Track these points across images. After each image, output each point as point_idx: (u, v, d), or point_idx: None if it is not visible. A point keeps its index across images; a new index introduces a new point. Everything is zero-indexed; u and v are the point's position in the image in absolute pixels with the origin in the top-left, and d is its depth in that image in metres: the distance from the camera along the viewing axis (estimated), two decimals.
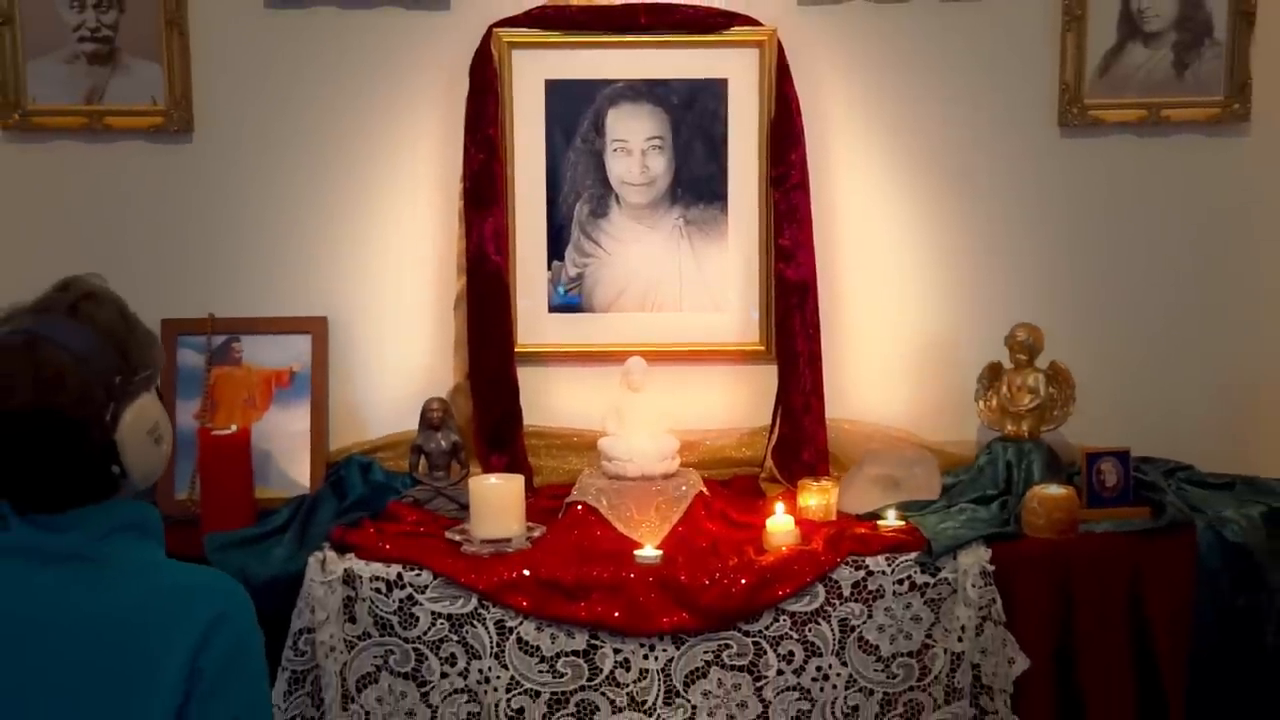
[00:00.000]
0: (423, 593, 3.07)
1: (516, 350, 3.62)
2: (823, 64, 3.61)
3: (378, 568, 3.10)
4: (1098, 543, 3.22)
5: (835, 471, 3.53)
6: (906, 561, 3.12)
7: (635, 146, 3.62)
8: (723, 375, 3.72)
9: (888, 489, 3.41)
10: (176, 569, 2.16)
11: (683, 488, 3.38)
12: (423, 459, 3.46)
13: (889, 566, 3.12)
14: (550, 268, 3.66)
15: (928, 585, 3.11)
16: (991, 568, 3.11)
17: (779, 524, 3.20)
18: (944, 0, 3.57)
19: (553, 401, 3.70)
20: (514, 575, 3.08)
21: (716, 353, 3.69)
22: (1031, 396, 3.49)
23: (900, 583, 3.11)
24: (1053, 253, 3.69)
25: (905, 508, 3.33)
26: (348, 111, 3.62)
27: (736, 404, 3.71)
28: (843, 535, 3.20)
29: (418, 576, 3.08)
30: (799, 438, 3.54)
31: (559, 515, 3.36)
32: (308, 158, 3.64)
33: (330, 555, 3.12)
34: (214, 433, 3.34)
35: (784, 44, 3.55)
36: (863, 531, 3.24)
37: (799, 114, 3.54)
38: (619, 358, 3.52)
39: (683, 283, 3.67)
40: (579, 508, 3.34)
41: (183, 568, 2.18)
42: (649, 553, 3.16)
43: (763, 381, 3.65)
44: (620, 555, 3.17)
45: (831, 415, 3.60)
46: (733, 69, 3.58)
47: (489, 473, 3.43)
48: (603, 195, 3.64)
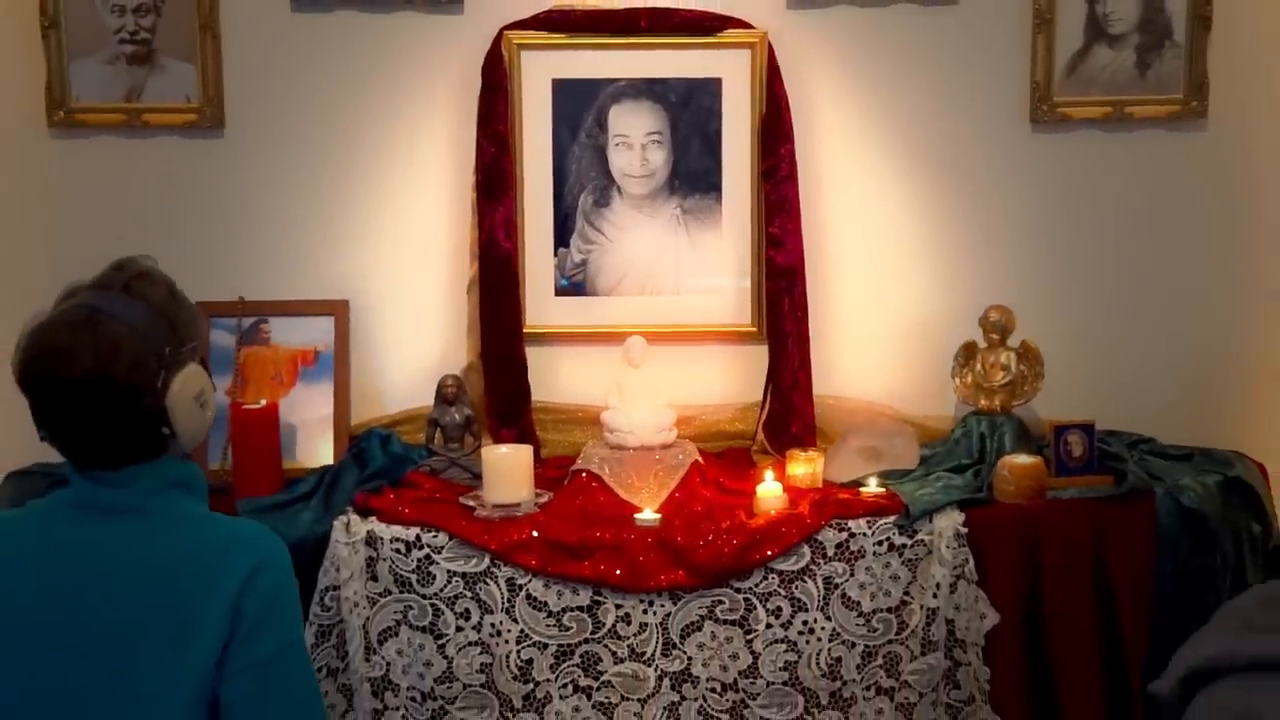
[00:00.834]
0: (439, 553, 3.12)
1: (525, 331, 3.64)
2: (811, 65, 3.62)
3: (397, 530, 3.13)
4: (1064, 508, 3.24)
5: (821, 443, 3.54)
6: (886, 524, 3.16)
7: (636, 141, 3.63)
8: (717, 354, 3.72)
9: (870, 459, 3.43)
10: (220, 521, 2.22)
11: (679, 457, 3.40)
12: (438, 432, 3.48)
13: (870, 529, 3.15)
14: (556, 254, 3.67)
15: (905, 546, 3.15)
16: (965, 530, 3.15)
17: (768, 490, 3.23)
18: (923, 5, 3.59)
19: (559, 379, 3.70)
20: (523, 537, 3.11)
21: (711, 333, 3.70)
22: (1004, 373, 3.50)
23: (880, 544, 3.15)
24: (1024, 240, 3.69)
25: (886, 476, 3.36)
26: (368, 108, 3.63)
27: (730, 381, 3.72)
28: (827, 500, 3.23)
29: (434, 538, 3.13)
30: (788, 412, 3.55)
31: (565, 482, 3.38)
32: (330, 151, 3.64)
33: (354, 519, 3.16)
34: (245, 407, 3.36)
35: (774, 46, 3.56)
36: (846, 497, 3.26)
37: (788, 111, 3.56)
38: (620, 338, 3.53)
39: (680, 268, 3.68)
40: (583, 475, 3.36)
41: (226, 520, 2.24)
42: (648, 516, 3.20)
43: (754, 360, 3.66)
44: (621, 518, 3.20)
45: (818, 391, 3.60)
46: (727, 69, 3.59)
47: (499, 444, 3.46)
48: (605, 186, 3.65)
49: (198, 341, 2.23)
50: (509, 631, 3.12)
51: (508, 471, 3.24)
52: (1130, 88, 3.62)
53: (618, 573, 3.10)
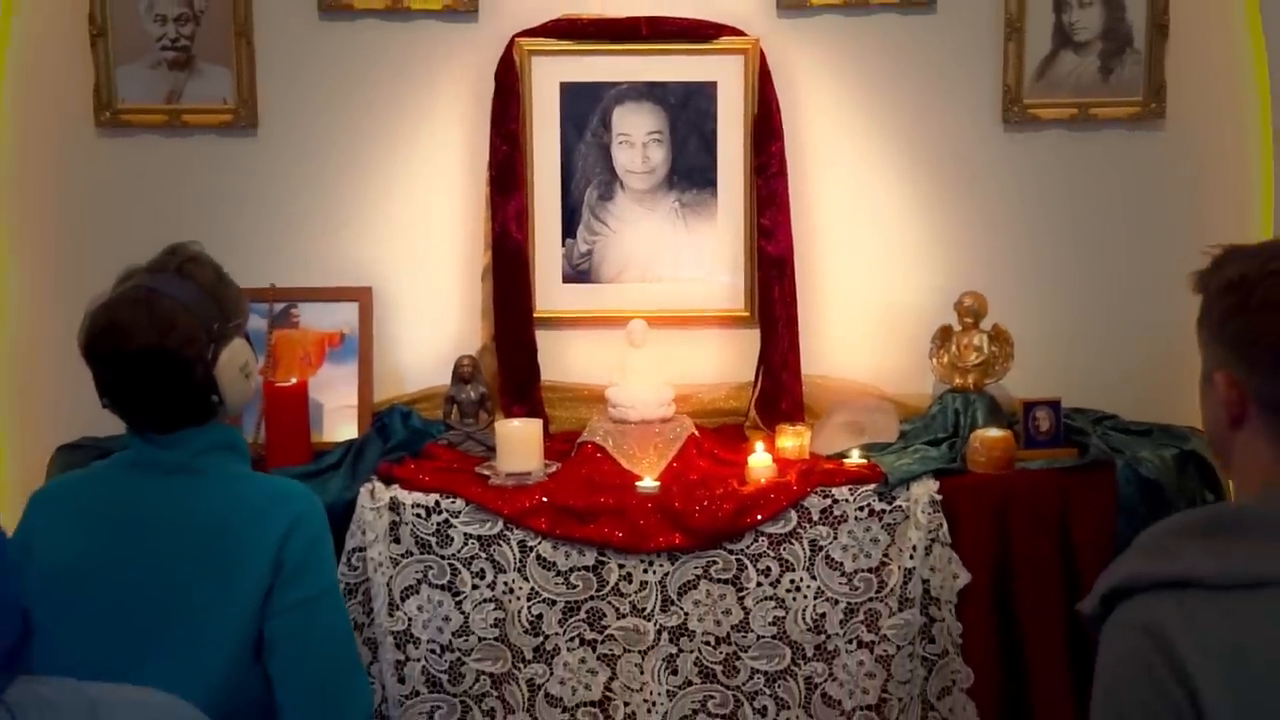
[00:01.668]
0: (456, 517, 3.16)
1: (535, 315, 3.65)
2: (799, 69, 3.64)
3: (418, 496, 3.17)
4: (1031, 478, 3.27)
5: (809, 419, 3.54)
6: (867, 491, 3.19)
7: (637, 140, 3.66)
8: (712, 337, 3.74)
9: (853, 433, 3.45)
10: (263, 479, 2.35)
11: (677, 430, 3.43)
12: (455, 408, 3.51)
13: (852, 495, 3.19)
14: (564, 244, 3.69)
15: (885, 512, 3.19)
16: (939, 497, 3.19)
17: (759, 461, 3.26)
18: (903, 14, 3.61)
19: (566, 360, 3.72)
20: (534, 502, 3.15)
21: (707, 317, 3.72)
22: (977, 354, 3.51)
23: (861, 509, 3.19)
24: (996, 231, 3.70)
25: (867, 448, 3.38)
26: (389, 109, 3.65)
27: (724, 362, 3.73)
28: (813, 470, 3.26)
29: (452, 504, 3.17)
30: (778, 391, 3.57)
31: (572, 453, 3.40)
32: (355, 149, 3.66)
33: (378, 486, 3.20)
34: (277, 385, 3.39)
35: (765, 52, 3.57)
36: (830, 467, 3.29)
37: (778, 112, 3.58)
38: (623, 322, 3.56)
39: (678, 257, 3.70)
40: (589, 446, 3.39)
41: (268, 479, 2.37)
42: (648, 484, 3.23)
43: (747, 343, 3.67)
44: (624, 486, 3.23)
45: (806, 371, 3.61)
46: (721, 73, 3.61)
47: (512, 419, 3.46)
48: (609, 182, 3.67)
49: (242, 319, 2.34)
50: (520, 589, 3.16)
51: (520, 443, 3.27)
52: (1094, 91, 3.64)
53: (620, 535, 3.14)
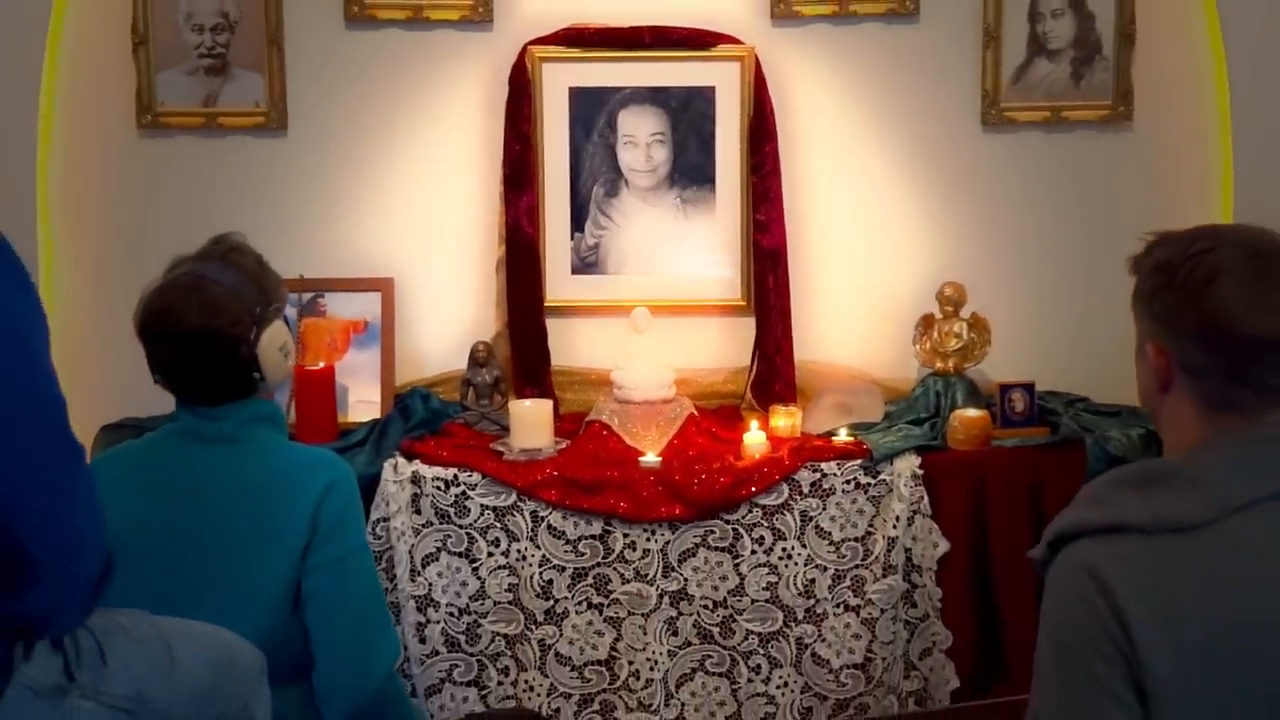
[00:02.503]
0: (473, 490, 3.23)
1: (545, 304, 3.67)
2: (792, 74, 3.68)
3: (438, 470, 3.24)
4: (1007, 454, 3.34)
5: (801, 400, 3.56)
6: (853, 466, 3.26)
7: (641, 140, 3.69)
8: (711, 324, 3.77)
9: (841, 413, 3.50)
10: (299, 448, 2.44)
11: (678, 410, 3.48)
12: (471, 390, 3.55)
13: (839, 470, 3.26)
14: (573, 238, 3.71)
15: (870, 485, 3.26)
16: (921, 472, 3.26)
17: (754, 438, 3.32)
18: (888, 23, 3.65)
19: (575, 345, 3.74)
20: (545, 476, 3.22)
21: (706, 306, 3.74)
22: (957, 340, 3.56)
23: (848, 483, 3.26)
24: (975, 225, 3.74)
25: (855, 427, 3.44)
26: (410, 111, 3.68)
27: (722, 348, 3.76)
28: (804, 447, 3.32)
29: (469, 477, 3.24)
30: (772, 374, 3.60)
31: (580, 431, 3.46)
32: (378, 148, 3.69)
33: (400, 461, 3.26)
34: (305, 369, 3.41)
35: (760, 59, 3.60)
36: (820, 444, 3.35)
37: (772, 115, 3.61)
38: (628, 310, 3.58)
39: (679, 250, 3.72)
40: (596, 425, 3.44)
41: (304, 448, 2.46)
42: (650, 459, 3.29)
43: (743, 330, 3.70)
44: (628, 461, 3.29)
45: (798, 357, 3.64)
46: (719, 79, 3.65)
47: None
48: (615, 179, 3.70)
49: (281, 303, 2.42)
50: (532, 556, 3.23)
51: (532, 421, 3.33)
52: (1066, 95, 3.68)
53: (624, 506, 3.19)
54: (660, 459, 3.32)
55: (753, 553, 3.27)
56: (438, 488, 3.25)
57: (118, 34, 3.63)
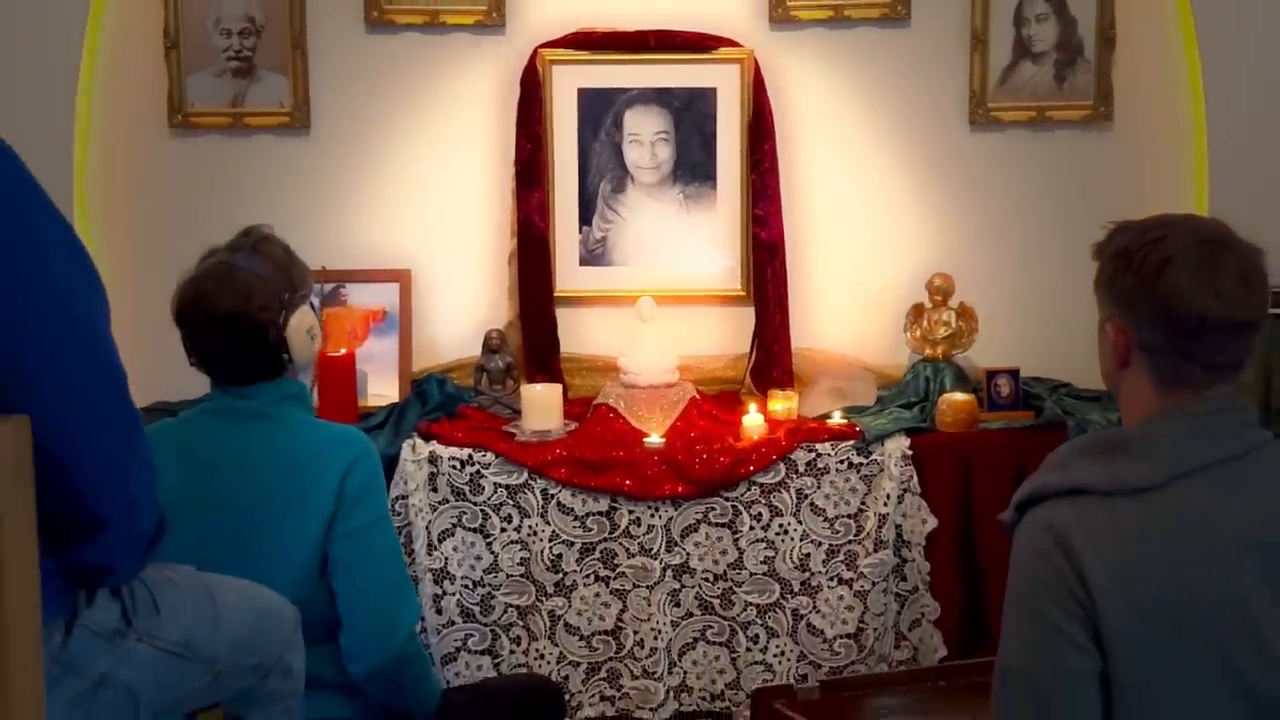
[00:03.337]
0: (487, 468, 3.29)
1: (555, 294, 3.72)
2: (789, 76, 3.74)
3: (454, 450, 3.30)
4: (992, 437, 3.41)
5: (798, 385, 3.61)
6: (846, 447, 3.33)
7: (646, 139, 3.74)
8: (713, 314, 3.82)
9: (836, 398, 3.55)
10: (326, 425, 2.51)
11: (680, 394, 3.54)
12: (485, 375, 3.61)
13: (833, 450, 3.32)
14: (581, 231, 3.76)
15: (862, 464, 3.32)
16: (910, 452, 3.32)
17: (752, 420, 3.39)
18: (881, 27, 3.72)
19: (582, 334, 3.79)
20: (554, 456, 3.28)
21: (707, 296, 3.79)
22: (945, 328, 3.63)
23: (842, 463, 3.32)
24: (963, 219, 3.79)
25: (848, 411, 3.49)
26: (427, 111, 3.74)
27: (723, 336, 3.80)
28: (800, 429, 3.39)
29: (484, 456, 3.29)
30: (770, 361, 3.65)
31: (588, 414, 3.52)
32: (396, 146, 3.74)
33: (418, 442, 3.33)
34: (328, 355, 3.42)
35: (760, 61, 3.66)
36: (815, 426, 3.41)
37: (771, 114, 3.67)
38: (633, 300, 3.62)
39: (682, 243, 3.77)
40: (603, 408, 3.51)
41: (330, 425, 2.53)
42: (655, 440, 3.35)
43: (743, 319, 3.75)
44: (633, 441, 3.35)
45: (795, 344, 3.69)
46: (720, 80, 3.70)
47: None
48: (621, 176, 3.75)
49: (308, 289, 2.49)
50: (543, 532, 3.28)
51: (542, 404, 3.39)
52: (1050, 96, 3.74)
53: (630, 484, 3.26)
54: (664, 440, 3.37)
55: (751, 529, 3.32)
56: (453, 467, 3.30)
57: (150, 38, 3.69)
